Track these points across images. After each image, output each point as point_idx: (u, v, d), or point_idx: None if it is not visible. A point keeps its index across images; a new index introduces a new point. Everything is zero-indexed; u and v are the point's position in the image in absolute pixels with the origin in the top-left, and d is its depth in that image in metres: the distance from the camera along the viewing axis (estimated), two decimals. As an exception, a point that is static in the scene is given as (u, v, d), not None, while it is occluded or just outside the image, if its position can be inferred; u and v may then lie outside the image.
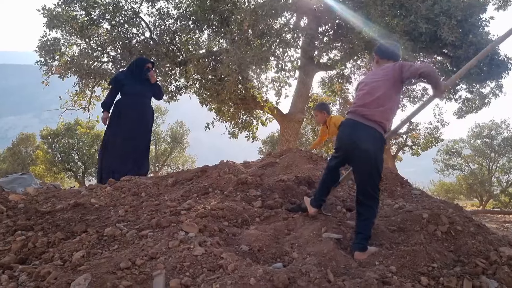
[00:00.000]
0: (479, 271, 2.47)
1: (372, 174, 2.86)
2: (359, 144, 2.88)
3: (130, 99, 5.95)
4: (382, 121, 2.90)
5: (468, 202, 25.55)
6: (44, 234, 2.98)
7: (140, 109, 5.97)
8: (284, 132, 12.71)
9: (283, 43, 10.56)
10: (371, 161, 2.85)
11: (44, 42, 11.14)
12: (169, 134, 29.57)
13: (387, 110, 2.92)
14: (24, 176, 6.72)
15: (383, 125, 2.92)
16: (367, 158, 2.86)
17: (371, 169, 2.86)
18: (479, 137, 25.17)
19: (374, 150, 2.86)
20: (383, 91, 2.92)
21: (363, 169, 2.90)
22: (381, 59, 3.21)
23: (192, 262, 2.33)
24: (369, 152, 2.85)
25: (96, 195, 4.15)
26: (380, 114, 2.89)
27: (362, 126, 2.90)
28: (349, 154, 2.98)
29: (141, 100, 6.01)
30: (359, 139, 2.88)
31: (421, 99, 15.60)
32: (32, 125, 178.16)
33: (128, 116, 5.88)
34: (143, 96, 6.06)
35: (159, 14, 11.78)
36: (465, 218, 3.22)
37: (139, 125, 5.96)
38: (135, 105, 5.93)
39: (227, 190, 3.98)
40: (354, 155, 2.92)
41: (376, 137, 2.88)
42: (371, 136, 2.87)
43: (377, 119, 2.89)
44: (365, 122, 2.90)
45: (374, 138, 2.87)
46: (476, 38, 9.45)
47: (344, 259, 2.60)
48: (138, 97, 5.97)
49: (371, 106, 2.91)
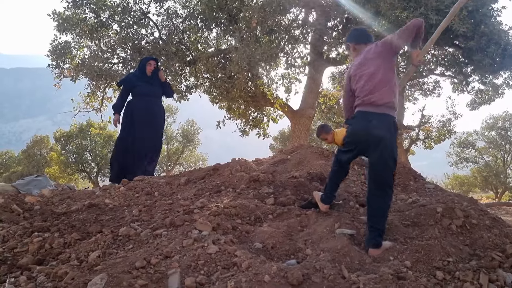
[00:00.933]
0: (495, 265, 2.44)
1: (388, 163, 2.81)
2: (374, 132, 2.84)
3: (141, 100, 6.01)
4: (391, 100, 2.87)
5: (484, 195, 25.27)
6: (60, 235, 3.02)
7: (151, 109, 6.02)
8: (295, 128, 12.67)
9: (292, 39, 10.52)
10: (387, 148, 2.80)
11: (55, 45, 11.27)
12: (180, 133, 29.73)
13: (392, 87, 2.89)
14: (39, 178, 6.80)
15: (392, 105, 2.88)
16: (384, 146, 2.81)
17: (387, 157, 2.80)
18: (493, 129, 24.85)
19: (389, 136, 2.82)
20: (382, 73, 2.90)
21: (379, 157, 2.82)
22: (357, 45, 3.17)
23: (207, 260, 2.35)
24: (385, 139, 2.81)
25: (110, 196, 4.20)
26: (387, 93, 2.86)
27: (374, 115, 2.87)
28: (364, 144, 2.92)
29: (152, 100, 6.06)
30: (374, 127, 2.84)
31: (432, 91, 15.44)
32: (46, 127, 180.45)
33: (140, 116, 5.94)
34: (154, 96, 6.10)
35: (168, 14, 11.81)
36: (480, 211, 3.19)
37: (151, 125, 6.02)
38: (146, 105, 5.98)
39: (240, 188, 3.99)
40: (370, 144, 2.86)
41: (390, 124, 2.85)
42: (385, 123, 2.84)
43: (386, 100, 2.85)
44: (376, 111, 2.86)
45: (388, 125, 2.84)
46: (488, 28, 9.30)
47: (358, 255, 2.59)
48: (148, 97, 6.02)
49: (376, 91, 2.88)
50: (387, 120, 2.84)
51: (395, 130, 2.88)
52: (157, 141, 6.21)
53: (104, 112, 13.59)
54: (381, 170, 2.83)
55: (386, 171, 2.82)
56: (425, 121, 16.54)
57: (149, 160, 6.07)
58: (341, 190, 3.79)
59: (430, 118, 16.66)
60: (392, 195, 2.87)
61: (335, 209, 3.43)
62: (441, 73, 14.19)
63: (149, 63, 6.08)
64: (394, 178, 2.90)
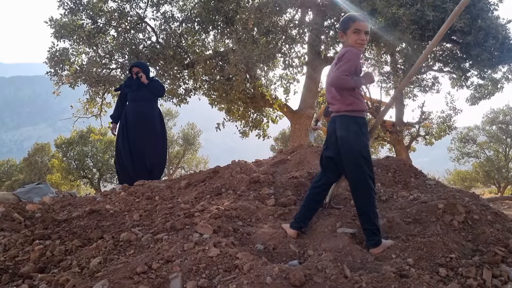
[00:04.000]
0: (498, 260, 2.42)
1: (357, 159, 2.74)
2: (337, 132, 2.84)
3: (132, 105, 6.11)
4: (350, 108, 2.81)
5: (486, 190, 25.23)
6: (62, 242, 3.01)
7: (140, 112, 6.05)
8: (295, 128, 12.68)
9: (289, 39, 10.53)
10: (350, 147, 2.75)
11: (53, 53, 11.29)
12: (181, 137, 29.77)
13: (345, 97, 2.82)
14: (40, 186, 6.82)
15: (352, 108, 2.82)
16: (345, 145, 2.78)
17: (352, 155, 2.75)
18: (494, 123, 24.81)
19: (348, 134, 2.76)
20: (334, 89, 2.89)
21: (346, 157, 2.79)
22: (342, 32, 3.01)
23: (208, 264, 2.34)
24: (345, 137, 2.78)
25: (110, 201, 4.19)
26: (343, 104, 2.82)
27: (337, 117, 2.87)
28: (335, 147, 2.89)
29: (142, 104, 6.09)
30: (337, 128, 2.85)
31: (432, 88, 15.41)
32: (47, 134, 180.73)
33: (133, 121, 6.03)
34: (144, 100, 6.11)
35: (164, 18, 11.83)
36: (482, 206, 3.18)
37: (145, 129, 6.04)
38: (135, 109, 6.06)
39: (240, 189, 3.98)
40: (337, 145, 2.85)
41: (348, 121, 2.79)
42: (344, 122, 2.80)
43: (344, 109, 2.82)
44: (338, 114, 2.86)
45: (347, 123, 2.79)
46: (485, 22, 9.31)
47: (360, 254, 2.58)
48: (139, 101, 6.09)
49: (332, 103, 2.89)
50: (345, 118, 2.80)
51: (357, 126, 2.78)
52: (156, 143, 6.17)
53: (103, 117, 13.62)
54: (352, 171, 2.80)
55: (358, 171, 2.75)
56: (425, 118, 16.48)
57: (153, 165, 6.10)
58: (342, 189, 3.78)
59: (430, 114, 16.60)
60: (372, 194, 2.74)
61: (335, 207, 3.42)
62: (439, 69, 14.17)
63: (133, 70, 6.16)
64: (370, 176, 2.76)
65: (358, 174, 2.75)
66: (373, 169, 2.82)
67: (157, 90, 6.24)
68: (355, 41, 2.81)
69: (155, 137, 6.15)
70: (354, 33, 2.81)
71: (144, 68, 6.23)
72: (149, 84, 6.18)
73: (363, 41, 2.82)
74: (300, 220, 2.97)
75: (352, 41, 2.82)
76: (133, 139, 6.01)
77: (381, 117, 3.35)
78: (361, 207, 2.77)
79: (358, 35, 2.80)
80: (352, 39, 2.82)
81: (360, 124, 2.79)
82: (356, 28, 2.81)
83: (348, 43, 2.87)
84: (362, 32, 2.80)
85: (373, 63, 15.27)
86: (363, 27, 2.81)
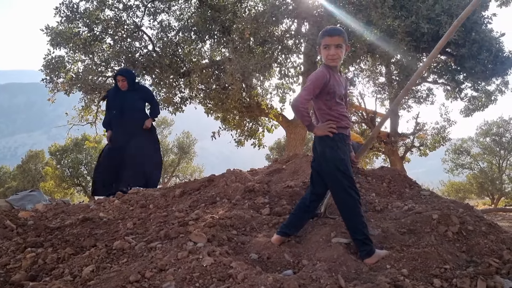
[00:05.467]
0: (492, 271, 2.43)
1: (334, 173, 2.76)
2: (316, 149, 2.90)
3: (116, 114, 6.00)
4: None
5: (480, 201, 25.29)
6: (54, 250, 2.98)
7: (127, 121, 5.95)
8: (290, 138, 12.70)
9: (285, 49, 10.58)
10: (327, 162, 2.79)
11: (48, 60, 11.25)
12: (176, 145, 29.71)
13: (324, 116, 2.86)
14: (33, 193, 6.75)
15: None
16: (322, 160, 2.82)
17: (329, 170, 2.78)
18: (488, 135, 24.97)
19: (324, 149, 2.80)
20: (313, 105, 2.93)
21: (325, 172, 2.84)
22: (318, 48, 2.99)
23: (202, 273, 2.32)
24: (321, 152, 2.82)
25: (104, 209, 4.17)
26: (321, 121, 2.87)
27: (315, 137, 2.91)
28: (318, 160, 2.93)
29: (127, 112, 5.97)
30: (316, 143, 2.90)
31: (426, 99, 15.54)
32: (41, 142, 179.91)
33: (116, 129, 5.96)
34: (128, 108, 5.97)
35: (161, 26, 11.87)
36: (476, 217, 3.19)
37: (128, 137, 5.92)
38: (121, 118, 5.95)
39: (235, 198, 3.97)
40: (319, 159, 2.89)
41: (325, 137, 2.81)
42: (320, 138, 2.84)
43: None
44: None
45: (323, 139, 2.81)
46: (479, 35, 9.42)
47: (355, 264, 2.58)
48: (123, 109, 5.96)
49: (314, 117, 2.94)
50: (322, 137, 2.82)
51: (331, 140, 2.80)
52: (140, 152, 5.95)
53: (99, 125, 13.57)
54: (332, 186, 2.84)
55: (334, 183, 2.78)
56: (420, 129, 16.59)
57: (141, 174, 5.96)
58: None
59: (424, 125, 16.73)
60: (357, 204, 2.73)
61: (329, 217, 3.41)
62: (434, 81, 14.31)
63: (117, 79, 6.02)
64: (350, 188, 2.75)
65: (337, 187, 2.78)
66: (354, 181, 2.80)
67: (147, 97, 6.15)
68: (326, 57, 2.82)
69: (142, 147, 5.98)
70: (324, 49, 2.83)
71: (127, 76, 6.05)
72: (139, 90, 6.09)
73: (333, 56, 2.80)
74: (285, 226, 2.95)
75: (324, 57, 2.84)
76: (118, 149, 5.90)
77: (377, 129, 3.36)
78: (348, 219, 2.77)
79: (327, 51, 2.80)
80: (323, 55, 2.84)
81: (336, 140, 2.81)
82: (325, 44, 2.81)
83: (322, 59, 2.90)
84: (331, 47, 2.79)
85: (368, 74, 15.39)
86: (333, 41, 2.78)
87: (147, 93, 6.30)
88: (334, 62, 2.83)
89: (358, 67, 14.30)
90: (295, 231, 3.04)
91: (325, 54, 2.82)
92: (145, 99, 6.20)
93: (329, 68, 2.84)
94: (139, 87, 6.28)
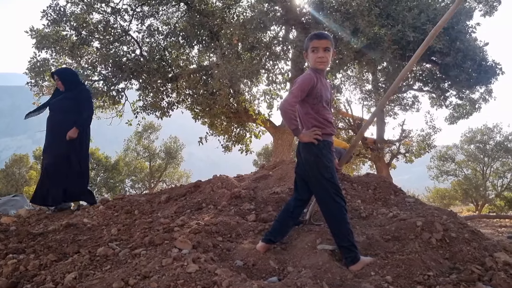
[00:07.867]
0: (475, 278, 2.45)
1: (320, 181, 2.77)
2: (300, 155, 2.91)
3: (49, 115, 5.42)
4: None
5: (464, 207, 25.62)
6: (36, 256, 2.93)
7: (50, 121, 5.35)
8: (277, 144, 12.73)
9: (273, 55, 10.63)
10: (312, 169, 2.80)
11: (34, 63, 11.12)
12: (163, 150, 29.50)
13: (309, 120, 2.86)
14: (16, 198, 6.65)
15: None
16: (307, 167, 2.83)
17: (315, 177, 2.79)
18: (472, 142, 25.38)
19: (309, 157, 2.81)
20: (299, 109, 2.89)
21: (310, 179, 2.85)
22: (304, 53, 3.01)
23: (186, 280, 2.30)
24: (307, 160, 2.83)
25: (88, 215, 4.12)
26: (306, 127, 2.86)
27: (300, 143, 2.92)
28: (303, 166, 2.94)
29: (55, 114, 5.34)
30: (300, 150, 2.91)
31: (412, 106, 15.73)
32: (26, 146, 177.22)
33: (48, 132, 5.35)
34: (57, 110, 5.34)
35: (149, 31, 11.83)
36: (460, 224, 3.22)
37: (51, 139, 5.27)
38: (50, 120, 5.35)
39: (221, 204, 3.96)
40: (304, 165, 2.90)
41: (309, 144, 2.81)
42: (305, 145, 2.84)
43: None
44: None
45: (308, 146, 2.81)
46: (463, 44, 9.60)
47: (340, 271, 2.58)
48: (52, 111, 5.38)
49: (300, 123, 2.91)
50: (307, 144, 2.82)
51: (316, 148, 2.80)
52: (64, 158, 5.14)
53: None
54: (317, 192, 2.85)
55: (320, 190, 2.80)
56: (405, 136, 16.77)
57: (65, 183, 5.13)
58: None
59: (410, 132, 16.92)
60: (342, 211, 2.74)
61: (314, 224, 3.42)
62: (419, 88, 14.50)
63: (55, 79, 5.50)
64: (336, 195, 2.76)
65: (323, 194, 2.79)
66: (340, 188, 2.81)
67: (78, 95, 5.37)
68: (314, 59, 2.82)
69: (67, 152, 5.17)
70: (312, 52, 2.83)
71: (60, 75, 5.43)
72: (72, 90, 5.37)
73: (322, 59, 2.81)
74: (270, 233, 2.95)
75: (312, 60, 2.84)
76: (46, 154, 5.32)
77: (360, 134, 3.39)
78: (333, 226, 2.78)
79: (316, 54, 2.81)
80: (311, 58, 2.84)
81: (320, 147, 2.81)
82: (313, 47, 2.82)
83: (310, 63, 2.90)
84: (320, 50, 2.80)
85: (355, 81, 15.53)
86: (321, 44, 2.80)
87: (79, 94, 5.43)
88: (323, 65, 2.84)
89: (345, 74, 14.43)
90: (280, 237, 3.04)
91: (313, 57, 2.82)
92: (78, 100, 5.36)
93: (316, 72, 2.85)
94: (80, 89, 5.50)
